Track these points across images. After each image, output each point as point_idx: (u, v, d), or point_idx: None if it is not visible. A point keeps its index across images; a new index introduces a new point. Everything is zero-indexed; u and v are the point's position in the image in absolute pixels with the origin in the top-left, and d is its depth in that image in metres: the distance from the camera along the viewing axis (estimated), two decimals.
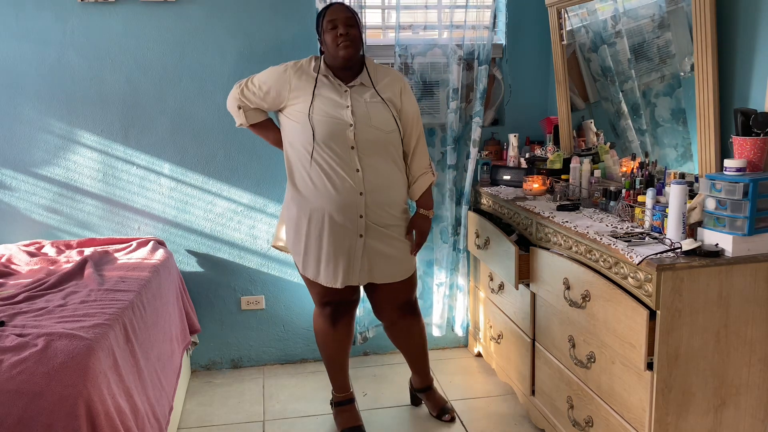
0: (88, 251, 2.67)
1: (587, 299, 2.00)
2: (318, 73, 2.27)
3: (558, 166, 2.73)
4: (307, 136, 2.23)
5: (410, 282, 2.47)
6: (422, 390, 2.69)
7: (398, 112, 2.32)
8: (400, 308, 2.50)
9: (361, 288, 2.49)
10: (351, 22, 2.23)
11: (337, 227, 2.27)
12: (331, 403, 2.63)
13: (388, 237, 2.34)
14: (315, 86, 2.26)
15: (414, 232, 2.43)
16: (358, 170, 2.24)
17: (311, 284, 2.41)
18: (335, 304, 2.45)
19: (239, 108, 2.37)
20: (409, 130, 2.36)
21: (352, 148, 2.23)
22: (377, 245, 2.32)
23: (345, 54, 2.22)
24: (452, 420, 2.61)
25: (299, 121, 2.25)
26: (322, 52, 2.34)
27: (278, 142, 2.41)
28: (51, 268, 2.51)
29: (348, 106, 2.24)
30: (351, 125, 2.22)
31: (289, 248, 2.44)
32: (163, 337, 2.32)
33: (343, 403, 2.58)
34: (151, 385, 2.06)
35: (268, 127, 2.44)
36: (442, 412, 2.63)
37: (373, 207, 2.28)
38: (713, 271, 1.73)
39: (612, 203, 2.27)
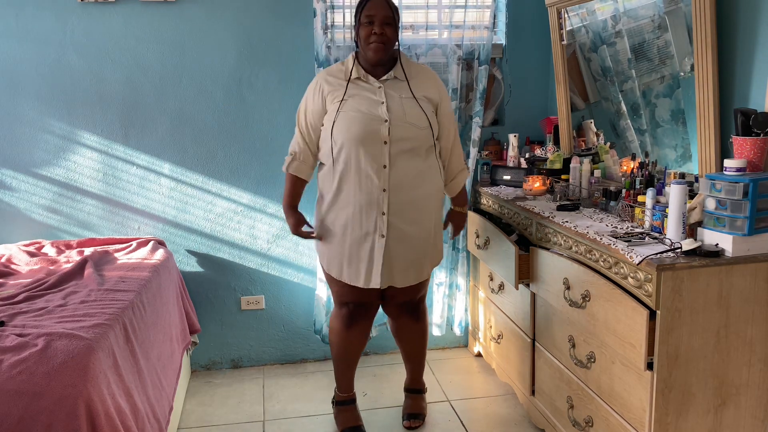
0: (88, 251, 2.67)
1: (587, 299, 2.00)
2: (349, 80, 2.26)
3: (558, 166, 2.72)
4: (336, 133, 2.24)
5: (420, 284, 2.45)
6: (411, 390, 2.67)
7: (436, 110, 2.31)
8: (404, 307, 2.50)
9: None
10: (389, 20, 2.20)
11: (358, 225, 2.26)
12: (332, 402, 2.63)
13: (413, 236, 2.30)
14: (345, 91, 2.25)
15: (450, 226, 2.56)
16: (385, 166, 2.21)
17: (332, 282, 2.40)
18: (353, 306, 2.42)
19: (290, 155, 2.38)
20: (446, 128, 2.35)
21: (385, 143, 2.21)
22: (399, 245, 2.28)
23: (373, 56, 2.22)
24: (410, 429, 2.55)
25: (332, 121, 2.26)
26: (356, 42, 2.31)
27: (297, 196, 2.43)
28: (51, 268, 2.51)
29: (383, 102, 2.23)
30: (386, 121, 2.21)
31: (316, 245, 2.45)
32: (163, 337, 2.32)
33: (345, 403, 2.57)
34: (151, 385, 2.06)
35: (298, 186, 2.42)
36: (410, 416, 2.58)
37: (397, 205, 2.25)
38: (713, 271, 1.73)
39: (612, 203, 2.27)
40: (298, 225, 2.40)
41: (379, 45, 2.19)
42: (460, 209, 2.51)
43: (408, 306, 2.50)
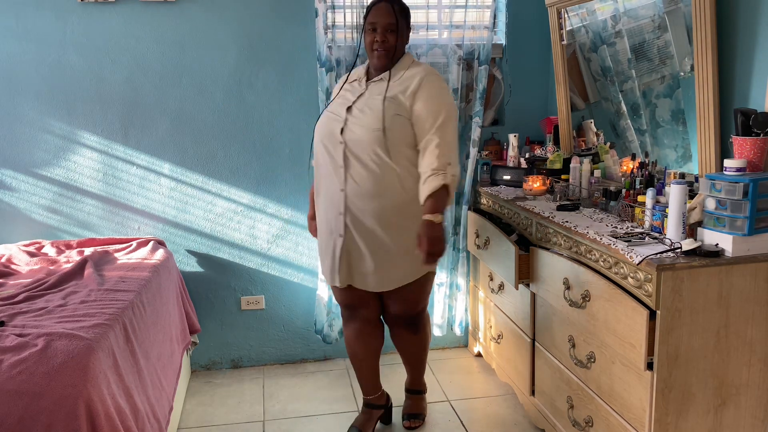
0: (88, 251, 2.67)
1: (587, 299, 2.00)
2: (345, 81, 2.31)
3: (558, 166, 2.72)
4: (315, 133, 2.30)
5: (405, 296, 2.33)
6: (411, 391, 2.67)
7: (408, 110, 2.17)
8: (401, 320, 2.44)
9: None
10: (392, 27, 2.18)
11: (323, 224, 2.29)
12: None
13: (373, 242, 2.21)
14: (341, 87, 2.31)
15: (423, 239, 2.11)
16: (341, 166, 2.19)
17: None
18: (350, 308, 2.43)
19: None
20: (420, 129, 2.16)
21: (341, 143, 2.19)
22: (357, 248, 2.23)
23: (376, 63, 2.24)
24: (410, 429, 2.56)
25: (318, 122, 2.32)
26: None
27: None
28: (51, 268, 2.51)
29: (352, 102, 2.22)
30: (344, 121, 2.20)
31: None
32: (163, 337, 2.32)
33: (367, 405, 2.56)
34: (151, 385, 2.06)
35: None
36: (410, 417, 2.58)
37: (354, 206, 2.19)
38: (713, 271, 1.73)
39: (612, 203, 2.27)
40: (310, 223, 2.53)
41: (381, 52, 2.21)
42: (429, 217, 2.08)
43: (398, 322, 2.45)
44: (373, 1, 2.24)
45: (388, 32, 2.19)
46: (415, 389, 2.66)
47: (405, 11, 2.25)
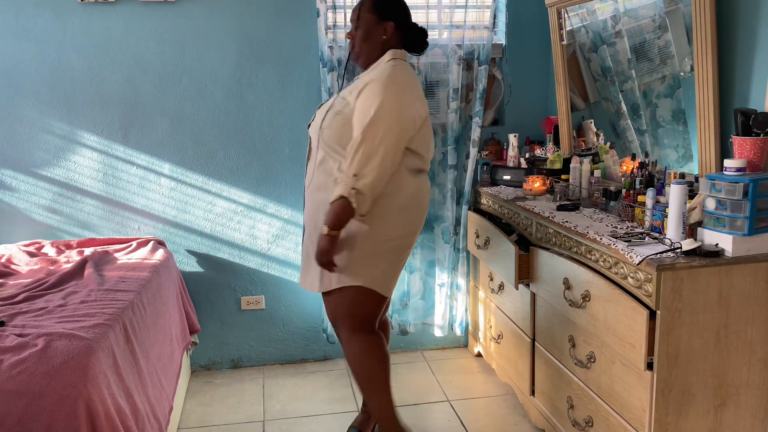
0: (88, 251, 2.67)
1: (587, 299, 2.00)
2: (343, 78, 2.32)
3: (558, 166, 2.72)
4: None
5: (334, 300, 2.18)
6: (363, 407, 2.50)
7: (352, 108, 2.05)
8: (335, 325, 2.27)
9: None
10: (354, 22, 2.16)
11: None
12: None
13: (310, 242, 2.16)
14: (340, 87, 2.31)
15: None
16: (307, 159, 2.25)
17: None
18: None
19: None
20: (354, 129, 2.03)
21: (308, 137, 2.25)
22: (305, 248, 2.22)
23: (352, 58, 2.21)
24: None
25: None
26: None
27: None
28: (51, 268, 2.51)
29: (319, 106, 2.25)
30: (312, 118, 2.24)
31: None
32: (163, 337, 2.32)
33: (366, 404, 2.43)
34: (151, 385, 2.06)
35: None
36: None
37: (307, 205, 2.20)
38: (713, 271, 1.73)
39: (612, 203, 2.27)
40: None
41: (351, 45, 2.19)
42: (321, 227, 1.98)
43: (336, 326, 2.27)
44: None
45: (353, 27, 2.17)
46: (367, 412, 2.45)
47: (376, 4, 2.12)
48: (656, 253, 1.76)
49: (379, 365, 2.21)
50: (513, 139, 2.98)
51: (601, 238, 1.95)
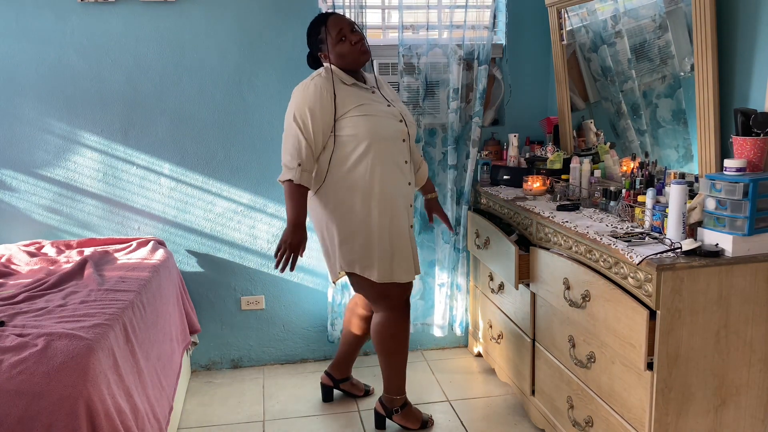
0: (88, 251, 2.67)
1: (587, 299, 2.00)
2: (351, 84, 2.33)
3: (558, 166, 2.73)
4: (374, 133, 2.27)
5: (353, 282, 2.45)
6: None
7: None
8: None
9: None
10: (355, 27, 2.33)
11: (399, 219, 2.41)
12: (399, 408, 2.53)
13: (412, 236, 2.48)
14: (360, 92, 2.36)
15: None
16: (406, 162, 2.38)
17: None
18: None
19: (299, 165, 2.21)
20: None
21: (404, 141, 2.37)
22: (413, 239, 2.49)
23: (366, 57, 2.32)
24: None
25: (363, 123, 2.26)
26: (319, 64, 2.39)
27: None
28: (51, 268, 2.51)
29: (389, 104, 2.37)
30: (401, 120, 2.35)
31: None
32: (163, 337, 2.32)
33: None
34: (151, 385, 2.06)
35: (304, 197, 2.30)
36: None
37: (405, 200, 2.44)
38: (713, 271, 1.73)
39: (612, 203, 2.27)
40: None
41: (365, 47, 2.31)
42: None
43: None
44: (324, 16, 2.35)
45: (355, 32, 2.31)
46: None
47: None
48: (656, 253, 1.76)
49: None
50: (513, 139, 2.98)
51: (601, 238, 1.95)
